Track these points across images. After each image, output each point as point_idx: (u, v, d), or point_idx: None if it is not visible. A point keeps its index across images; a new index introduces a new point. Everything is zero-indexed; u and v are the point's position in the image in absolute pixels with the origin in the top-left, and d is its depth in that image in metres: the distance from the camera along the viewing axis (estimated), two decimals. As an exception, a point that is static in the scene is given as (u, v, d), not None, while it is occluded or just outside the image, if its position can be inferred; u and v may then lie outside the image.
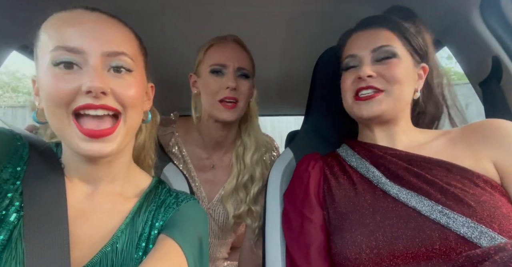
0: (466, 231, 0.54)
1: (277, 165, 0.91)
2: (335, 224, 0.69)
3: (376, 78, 0.69)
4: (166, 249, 0.52)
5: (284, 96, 2.00)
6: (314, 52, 0.96)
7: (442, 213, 0.58)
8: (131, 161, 0.64)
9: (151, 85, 0.66)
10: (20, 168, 0.53)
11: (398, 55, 0.69)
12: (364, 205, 0.66)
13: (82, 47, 0.49)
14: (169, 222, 0.58)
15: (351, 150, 0.79)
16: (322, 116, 0.96)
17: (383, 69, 0.68)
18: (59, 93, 0.48)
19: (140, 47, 0.60)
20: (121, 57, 0.52)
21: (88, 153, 0.50)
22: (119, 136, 0.53)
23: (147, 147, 0.70)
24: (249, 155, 1.03)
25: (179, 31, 1.06)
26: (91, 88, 0.48)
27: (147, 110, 0.64)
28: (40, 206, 0.50)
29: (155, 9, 0.98)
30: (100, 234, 0.54)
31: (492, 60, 0.86)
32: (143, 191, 0.62)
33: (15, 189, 0.51)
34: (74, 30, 0.50)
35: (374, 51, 0.70)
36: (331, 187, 0.74)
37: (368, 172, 0.71)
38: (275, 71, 1.56)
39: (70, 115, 0.50)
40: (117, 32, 0.54)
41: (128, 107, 0.53)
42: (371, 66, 0.69)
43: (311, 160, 0.81)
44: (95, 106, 0.49)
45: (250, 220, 1.03)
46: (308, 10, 0.98)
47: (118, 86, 0.51)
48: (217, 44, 0.95)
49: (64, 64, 0.49)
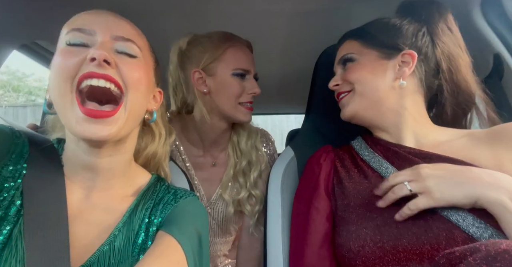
0: (475, 231, 0.54)
1: (278, 164, 0.91)
2: (341, 215, 0.69)
3: (342, 84, 0.78)
4: (165, 246, 0.52)
5: (284, 95, 2.00)
6: (314, 51, 0.96)
7: (452, 210, 0.57)
8: (131, 160, 0.64)
9: (159, 90, 0.67)
10: (20, 166, 0.53)
11: (354, 59, 0.76)
12: (373, 199, 0.66)
13: (94, 28, 0.52)
14: (167, 219, 0.58)
15: (365, 143, 0.79)
16: (322, 114, 0.96)
17: (345, 74, 0.77)
18: (66, 64, 0.50)
19: (150, 47, 0.62)
20: (128, 43, 0.54)
21: (85, 134, 0.50)
22: (120, 119, 0.52)
23: (159, 158, 0.71)
24: (244, 141, 1.05)
25: (178, 30, 1.05)
26: (95, 54, 0.49)
27: (152, 110, 0.64)
28: (40, 205, 0.50)
29: (155, 8, 0.98)
30: (97, 233, 0.54)
31: (494, 58, 0.86)
32: (142, 189, 0.62)
33: (16, 187, 0.51)
34: (89, 16, 0.55)
35: (338, 62, 0.80)
36: (341, 179, 0.74)
37: (381, 167, 0.70)
38: (275, 70, 1.56)
39: (74, 92, 0.50)
40: (130, 25, 0.58)
41: (130, 87, 0.53)
42: (340, 76, 0.79)
43: (323, 153, 0.82)
44: (98, 75, 0.50)
45: (249, 206, 1.04)
46: (309, 8, 0.98)
47: (123, 63, 0.53)
48: (236, 46, 0.95)
49: (75, 45, 0.52)
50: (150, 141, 0.69)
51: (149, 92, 0.60)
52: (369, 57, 0.74)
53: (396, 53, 0.71)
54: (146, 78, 0.57)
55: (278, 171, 0.89)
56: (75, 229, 0.51)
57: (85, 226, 0.53)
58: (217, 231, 1.10)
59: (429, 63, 0.72)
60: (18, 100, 6.21)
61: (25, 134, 0.58)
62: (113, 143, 0.55)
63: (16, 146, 0.54)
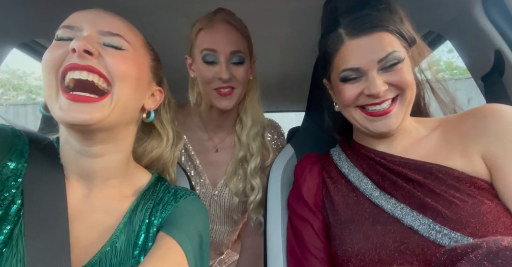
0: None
1: (278, 162, 0.91)
2: (335, 232, 0.68)
3: (388, 89, 0.63)
4: (166, 248, 0.51)
5: (285, 92, 1.99)
6: (315, 48, 0.95)
7: (441, 233, 0.56)
8: (130, 159, 0.63)
9: (159, 89, 0.64)
10: (21, 165, 0.53)
11: (402, 58, 0.63)
12: (363, 214, 0.65)
13: (81, 24, 0.52)
14: (168, 219, 0.57)
15: (343, 155, 0.77)
16: (322, 112, 0.96)
17: (392, 76, 0.63)
18: (51, 56, 0.50)
19: (147, 44, 0.61)
20: (115, 37, 0.53)
21: (66, 118, 0.48)
22: (104, 107, 0.50)
23: (165, 162, 0.70)
24: (246, 132, 1.01)
25: (177, 27, 1.05)
26: (75, 44, 0.48)
27: (149, 109, 0.62)
28: (41, 204, 0.50)
29: (154, 6, 0.97)
30: (97, 234, 0.53)
31: (495, 54, 0.85)
32: (142, 189, 0.62)
33: (17, 186, 0.51)
34: (80, 15, 0.54)
35: (381, 60, 0.62)
36: (329, 191, 0.73)
37: (361, 183, 0.69)
38: (276, 67, 1.55)
39: (59, 83, 0.50)
40: (120, 21, 0.56)
41: (117, 78, 0.51)
42: (380, 78, 0.62)
43: (307, 164, 0.80)
44: (79, 66, 0.49)
45: (252, 196, 1.03)
46: (309, 6, 0.97)
47: (108, 54, 0.51)
48: (207, 27, 0.90)
49: (62, 39, 0.52)
50: (156, 145, 0.68)
51: (142, 88, 0.58)
52: (406, 54, 0.65)
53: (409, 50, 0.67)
54: (136, 72, 0.55)
55: (278, 169, 0.89)
56: (75, 230, 0.51)
57: (85, 227, 0.53)
58: (223, 219, 1.09)
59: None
60: (18, 99, 6.20)
61: (26, 133, 0.57)
62: (103, 136, 0.54)
63: (16, 145, 0.54)
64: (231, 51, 0.88)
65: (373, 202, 0.66)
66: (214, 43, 0.88)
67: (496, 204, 0.57)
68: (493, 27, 0.85)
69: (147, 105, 0.62)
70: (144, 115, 0.62)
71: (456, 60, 3.20)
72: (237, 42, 0.90)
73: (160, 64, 0.65)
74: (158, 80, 0.65)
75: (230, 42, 0.88)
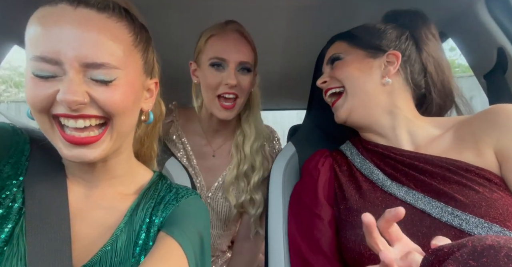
0: (481, 232, 0.54)
1: (279, 159, 0.91)
2: (346, 219, 0.69)
3: (330, 80, 0.80)
4: (166, 249, 0.51)
5: (286, 90, 1.99)
6: (316, 46, 0.95)
7: (453, 215, 0.57)
8: (131, 157, 0.62)
9: (155, 81, 0.61)
10: (22, 164, 0.52)
11: (341, 57, 0.79)
12: (376, 202, 0.67)
13: (59, 57, 0.45)
14: (168, 219, 0.56)
15: (355, 149, 0.80)
16: (324, 110, 0.96)
17: (333, 71, 0.79)
18: (37, 98, 0.46)
19: (136, 42, 0.53)
20: (101, 70, 0.47)
21: (70, 159, 0.49)
22: (105, 142, 0.50)
23: (146, 142, 0.68)
24: (249, 144, 1.02)
25: (179, 24, 1.05)
26: (64, 101, 0.45)
27: (147, 111, 0.60)
28: (42, 203, 0.50)
29: (156, 3, 0.97)
30: (98, 232, 0.53)
31: (497, 52, 0.85)
32: (143, 187, 0.61)
33: (18, 185, 0.51)
34: (51, 36, 0.46)
35: (327, 63, 0.83)
36: (342, 184, 0.75)
37: (372, 174, 0.72)
38: (277, 65, 1.55)
39: (52, 120, 0.48)
40: (99, 34, 0.47)
41: (114, 114, 0.49)
42: (328, 74, 0.81)
43: (321, 157, 0.82)
44: (74, 116, 0.47)
45: (252, 209, 1.04)
46: (310, 4, 0.97)
47: (100, 93, 0.47)
48: (217, 35, 0.92)
49: (44, 77, 0.46)
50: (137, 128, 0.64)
51: (137, 95, 0.55)
52: (356, 56, 0.77)
53: (381, 53, 0.75)
54: (132, 96, 0.52)
55: (279, 167, 0.89)
56: (76, 229, 0.51)
57: (86, 225, 0.53)
58: (217, 224, 1.10)
59: (414, 64, 0.75)
60: (20, 96, 6.18)
61: (27, 132, 0.57)
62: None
63: (17, 144, 0.54)
64: (240, 61, 0.91)
65: (385, 191, 0.68)
66: (224, 51, 0.90)
67: (506, 195, 0.59)
68: (495, 24, 0.84)
69: (145, 107, 0.59)
70: (143, 117, 0.60)
71: (458, 58, 3.18)
72: (246, 53, 0.93)
73: (150, 51, 0.58)
74: (149, 70, 0.59)
75: (240, 52, 0.91)
